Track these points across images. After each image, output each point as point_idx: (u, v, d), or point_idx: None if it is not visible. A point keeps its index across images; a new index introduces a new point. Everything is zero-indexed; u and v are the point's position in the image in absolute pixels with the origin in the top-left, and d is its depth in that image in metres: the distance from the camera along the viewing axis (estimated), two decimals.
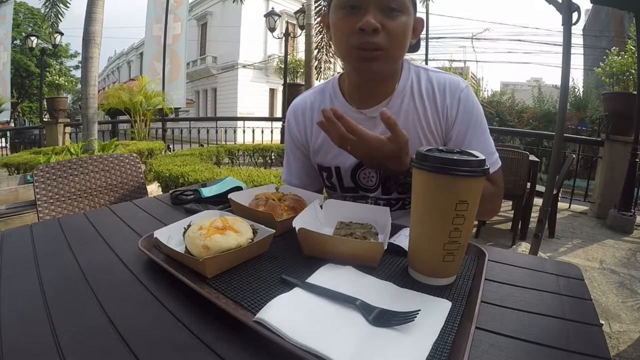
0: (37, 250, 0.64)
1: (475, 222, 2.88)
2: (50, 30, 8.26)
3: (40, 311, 0.45)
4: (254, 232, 0.60)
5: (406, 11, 0.71)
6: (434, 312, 0.44)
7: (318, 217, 0.70)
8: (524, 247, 2.44)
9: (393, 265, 0.57)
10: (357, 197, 0.89)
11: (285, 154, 0.99)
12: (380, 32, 0.69)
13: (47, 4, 7.87)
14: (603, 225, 3.36)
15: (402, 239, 0.63)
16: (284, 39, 7.68)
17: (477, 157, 0.48)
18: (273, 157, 5.07)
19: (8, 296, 0.49)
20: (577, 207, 3.93)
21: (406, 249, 0.57)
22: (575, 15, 1.76)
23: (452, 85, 0.80)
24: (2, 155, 7.21)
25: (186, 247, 0.56)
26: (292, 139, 0.94)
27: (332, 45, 0.81)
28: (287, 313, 0.42)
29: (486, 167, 0.48)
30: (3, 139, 8.36)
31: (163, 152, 4.63)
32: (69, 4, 8.06)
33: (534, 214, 2.94)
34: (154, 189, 2.94)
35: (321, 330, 0.40)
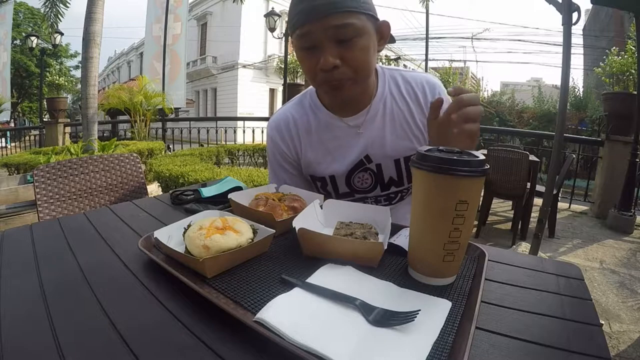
0: (37, 250, 0.64)
1: (475, 222, 2.88)
2: (50, 30, 8.27)
3: (40, 311, 0.45)
4: (254, 232, 0.60)
5: (361, 32, 0.69)
6: (434, 312, 0.44)
7: (318, 217, 0.70)
8: (524, 247, 2.44)
9: (393, 265, 0.57)
10: (354, 201, 0.90)
11: (269, 169, 0.97)
12: (341, 66, 0.70)
13: (47, 4, 7.86)
14: (603, 225, 3.36)
15: (402, 239, 0.63)
16: (283, 39, 7.68)
17: (477, 157, 0.48)
18: None
19: (8, 296, 0.49)
20: (577, 207, 3.93)
21: (406, 249, 0.57)
22: (575, 15, 1.76)
23: (429, 84, 0.86)
24: (2, 155, 7.22)
25: (186, 247, 0.56)
26: (279, 155, 0.92)
27: None
28: (287, 313, 0.42)
29: (486, 167, 0.48)
30: (3, 139, 8.36)
31: (163, 152, 4.63)
32: (69, 4, 8.06)
33: (534, 214, 2.94)
34: (154, 189, 2.94)
35: (321, 330, 0.40)
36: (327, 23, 0.67)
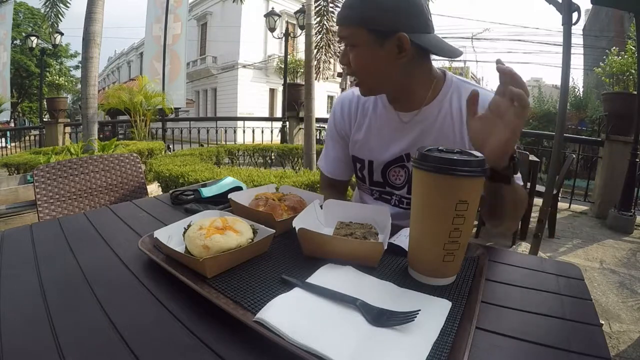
0: (37, 250, 0.64)
1: (475, 222, 2.88)
2: (50, 30, 8.26)
3: (40, 311, 0.45)
4: (254, 232, 0.60)
5: (356, 44, 0.77)
6: (434, 312, 0.44)
7: (318, 217, 0.70)
8: (524, 247, 2.44)
9: (393, 265, 0.57)
10: (383, 192, 0.93)
11: (325, 142, 1.06)
12: (348, 66, 0.81)
13: (47, 4, 7.85)
14: (603, 225, 3.35)
15: (402, 239, 0.63)
16: (284, 39, 7.68)
17: (477, 157, 0.48)
18: (273, 157, 5.07)
19: (8, 296, 0.49)
20: (577, 207, 3.93)
21: (406, 249, 0.57)
22: (575, 15, 1.75)
23: None
24: (2, 155, 7.22)
25: (186, 247, 0.56)
26: (335, 127, 1.00)
27: None
28: (287, 313, 0.42)
29: (486, 167, 0.48)
30: (3, 139, 8.36)
31: (163, 152, 4.63)
32: (69, 4, 8.05)
33: (534, 214, 2.94)
34: (154, 189, 2.94)
35: (321, 330, 0.40)
36: (338, 30, 0.81)
